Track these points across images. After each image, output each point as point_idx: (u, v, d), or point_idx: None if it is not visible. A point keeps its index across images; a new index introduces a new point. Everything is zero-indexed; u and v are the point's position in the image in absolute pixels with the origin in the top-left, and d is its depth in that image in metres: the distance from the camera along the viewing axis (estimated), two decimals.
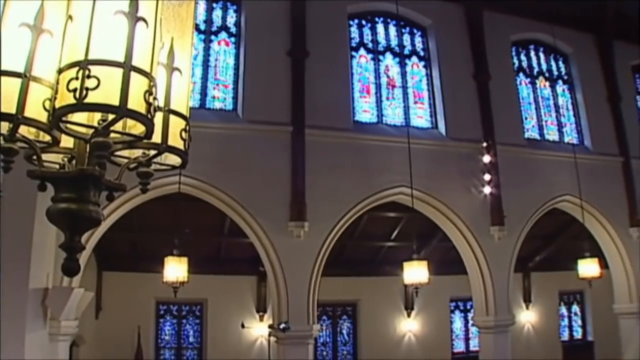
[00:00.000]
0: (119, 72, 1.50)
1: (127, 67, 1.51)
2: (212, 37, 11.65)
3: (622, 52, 15.09)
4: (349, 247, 15.31)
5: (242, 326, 13.48)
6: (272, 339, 10.79)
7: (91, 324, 13.81)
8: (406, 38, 13.15)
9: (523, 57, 14.43)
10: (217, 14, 11.85)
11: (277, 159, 10.74)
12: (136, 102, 1.52)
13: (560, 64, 14.91)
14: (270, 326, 10.59)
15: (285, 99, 11.12)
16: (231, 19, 11.90)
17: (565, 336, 19.38)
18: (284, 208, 10.54)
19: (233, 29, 11.82)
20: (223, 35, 11.74)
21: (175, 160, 1.92)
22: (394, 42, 12.98)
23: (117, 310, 14.31)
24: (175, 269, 9.82)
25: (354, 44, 12.55)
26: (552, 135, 14.06)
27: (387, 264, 15.88)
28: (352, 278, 16.23)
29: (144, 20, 1.58)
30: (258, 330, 15.14)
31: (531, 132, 13.75)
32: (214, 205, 10.80)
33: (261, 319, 15.65)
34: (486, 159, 12.19)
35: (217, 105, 11.25)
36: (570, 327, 19.59)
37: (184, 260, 9.91)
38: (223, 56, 11.62)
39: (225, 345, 15.21)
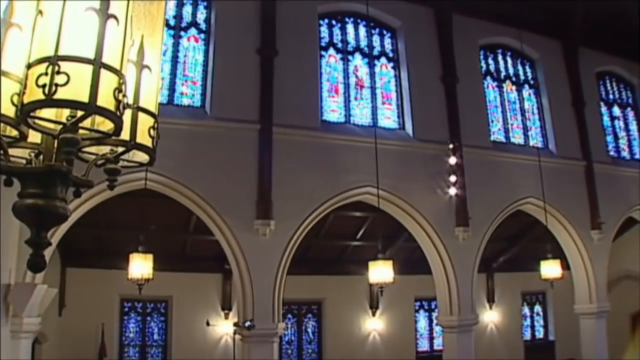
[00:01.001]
0: (88, 69, 1.50)
1: (97, 64, 1.51)
2: (182, 32, 11.56)
3: (587, 59, 15.41)
4: (315, 246, 15.34)
5: (207, 324, 13.41)
6: (237, 337, 10.74)
7: (54, 321, 13.61)
8: (376, 39, 13.22)
9: (491, 61, 14.62)
10: (187, 9, 11.74)
11: (245, 157, 10.69)
12: (105, 99, 1.52)
13: (527, 68, 15.15)
14: (235, 324, 10.55)
15: (253, 97, 11.08)
16: (201, 15, 11.81)
17: (528, 336, 19.70)
18: (250, 206, 10.51)
19: (203, 26, 11.73)
20: (193, 31, 11.65)
21: (143, 157, 1.93)
22: (363, 42, 13.03)
23: (80, 307, 14.11)
24: (141, 265, 9.71)
25: (323, 44, 12.57)
26: (517, 138, 14.26)
27: (352, 263, 15.95)
28: (318, 277, 16.28)
29: (115, 17, 1.58)
30: (223, 328, 15.10)
31: (497, 135, 13.94)
32: (180, 202, 10.72)
33: (226, 316, 15.59)
34: (452, 160, 12.31)
35: (185, 101, 11.15)
36: (533, 326, 19.91)
37: (149, 257, 9.81)
38: (192, 52, 11.53)
39: (190, 343, 15.12)
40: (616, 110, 16.51)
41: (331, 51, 12.65)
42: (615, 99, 16.64)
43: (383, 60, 13.13)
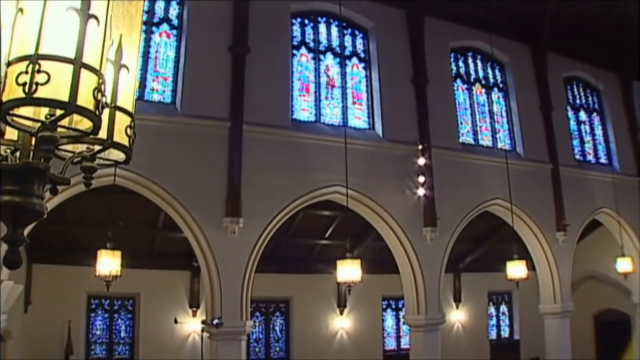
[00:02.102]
0: (69, 68, 1.51)
1: (78, 63, 1.52)
2: (154, 28, 11.44)
3: (555, 64, 15.70)
4: (283, 244, 15.36)
5: (175, 321, 13.35)
6: (205, 334, 10.72)
7: (19, 318, 13.38)
8: (347, 39, 13.26)
9: (461, 64, 14.76)
10: (160, 5, 11.61)
11: (214, 154, 10.65)
12: (85, 99, 1.54)
13: (497, 72, 15.34)
14: (203, 322, 10.52)
15: (224, 94, 11.03)
16: (173, 11, 11.70)
17: (493, 335, 19.98)
18: (220, 203, 10.48)
19: (175, 21, 11.63)
20: (164, 27, 11.53)
21: (118, 155, 1.95)
22: (335, 42, 13.06)
23: (47, 304, 13.90)
24: (108, 262, 9.64)
25: (295, 43, 12.56)
26: (486, 140, 14.44)
27: (320, 261, 16.00)
28: (286, 275, 16.30)
29: (96, 17, 1.59)
30: (191, 325, 15.03)
31: (466, 137, 14.10)
32: (148, 199, 10.64)
33: (194, 314, 15.51)
34: (421, 161, 12.43)
35: (156, 97, 11.04)
36: (498, 326, 20.21)
37: (117, 253, 9.73)
38: (164, 48, 11.41)
39: (158, 341, 15.01)
40: (582, 115, 16.84)
41: (303, 50, 12.65)
42: (582, 104, 16.96)
43: (354, 60, 13.18)
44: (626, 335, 17.70)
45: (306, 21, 12.91)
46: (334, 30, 13.17)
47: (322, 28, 13.05)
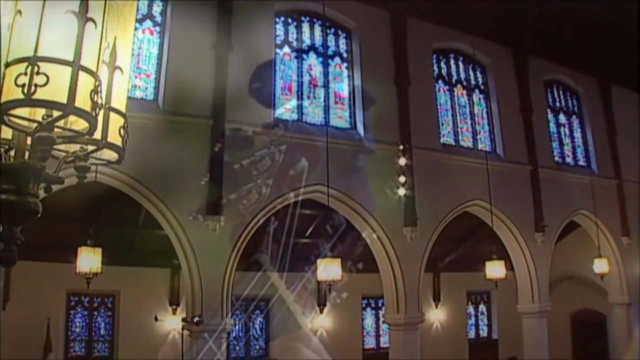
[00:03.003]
0: (67, 71, 1.53)
1: (76, 66, 1.54)
2: (137, 25, 11.40)
3: (536, 67, 15.85)
4: (265, 243, 15.32)
5: (155, 319, 13.27)
6: (185, 332, 10.69)
7: None
8: (331, 39, 13.28)
9: (443, 65, 14.85)
10: (143, 2, 11.53)
11: (196, 152, 10.62)
12: (82, 100, 1.56)
13: (478, 74, 15.45)
14: (183, 319, 10.48)
15: (207, 92, 10.99)
16: (157, 8, 11.62)
17: (472, 334, 20.13)
18: (201, 201, 10.47)
19: (158, 18, 11.56)
20: (148, 23, 11.46)
21: (111, 155, 1.98)
22: (318, 42, 13.06)
23: (25, 301, 13.70)
24: (89, 259, 9.57)
25: (278, 41, 12.57)
26: (466, 141, 14.55)
27: (301, 260, 15.99)
28: (266, 273, 16.27)
29: (93, 21, 1.61)
30: (171, 323, 14.99)
31: (447, 138, 14.19)
32: (129, 196, 10.60)
33: (174, 312, 15.46)
34: (402, 161, 12.48)
35: (138, 94, 10.96)
36: (477, 325, 20.37)
37: (98, 250, 9.65)
38: (147, 45, 11.35)
39: (138, 338, 14.90)
40: (562, 118, 17.04)
41: (286, 49, 12.65)
42: (562, 107, 17.15)
43: (337, 60, 13.20)
44: (602, 334, 17.96)
45: (289, 20, 12.90)
46: (317, 29, 13.16)
47: (306, 27, 13.05)
